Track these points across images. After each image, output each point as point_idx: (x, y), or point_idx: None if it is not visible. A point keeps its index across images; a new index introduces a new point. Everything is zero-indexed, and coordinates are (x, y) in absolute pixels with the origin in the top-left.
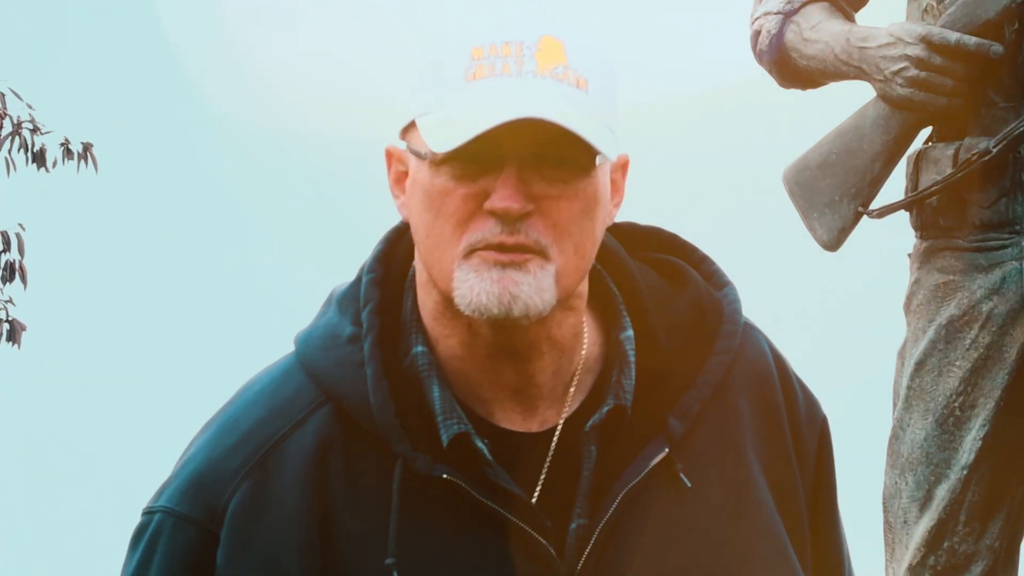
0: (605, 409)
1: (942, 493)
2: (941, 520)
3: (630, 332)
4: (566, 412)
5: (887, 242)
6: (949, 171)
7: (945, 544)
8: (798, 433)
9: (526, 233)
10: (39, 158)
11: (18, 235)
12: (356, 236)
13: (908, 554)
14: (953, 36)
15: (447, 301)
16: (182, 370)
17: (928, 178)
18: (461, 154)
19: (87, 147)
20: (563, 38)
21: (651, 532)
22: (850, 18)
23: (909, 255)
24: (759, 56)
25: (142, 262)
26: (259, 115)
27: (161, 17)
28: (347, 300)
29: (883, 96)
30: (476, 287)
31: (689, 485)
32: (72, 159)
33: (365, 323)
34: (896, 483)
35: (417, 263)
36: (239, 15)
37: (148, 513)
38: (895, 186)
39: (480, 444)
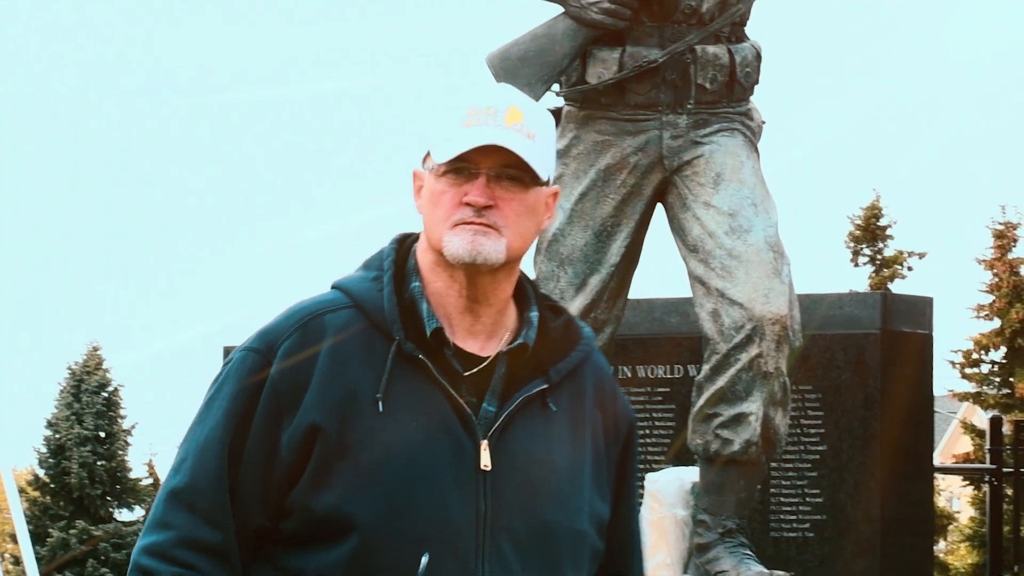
0: (516, 343)
1: (594, 282)
2: (592, 300)
3: (536, 314)
4: (500, 348)
5: None
6: (615, 68)
7: (591, 315)
8: (615, 421)
9: (488, 218)
10: None
11: None
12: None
13: None
14: None
15: (438, 257)
16: None
17: (595, 71)
18: (452, 169)
19: None
20: (523, 109)
21: (530, 431)
22: None
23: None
24: None
25: None
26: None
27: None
28: (370, 264)
29: (576, 18)
30: (455, 243)
31: (554, 410)
32: None
33: (386, 268)
34: (555, 272)
35: (422, 237)
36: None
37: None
38: None
39: (448, 335)
